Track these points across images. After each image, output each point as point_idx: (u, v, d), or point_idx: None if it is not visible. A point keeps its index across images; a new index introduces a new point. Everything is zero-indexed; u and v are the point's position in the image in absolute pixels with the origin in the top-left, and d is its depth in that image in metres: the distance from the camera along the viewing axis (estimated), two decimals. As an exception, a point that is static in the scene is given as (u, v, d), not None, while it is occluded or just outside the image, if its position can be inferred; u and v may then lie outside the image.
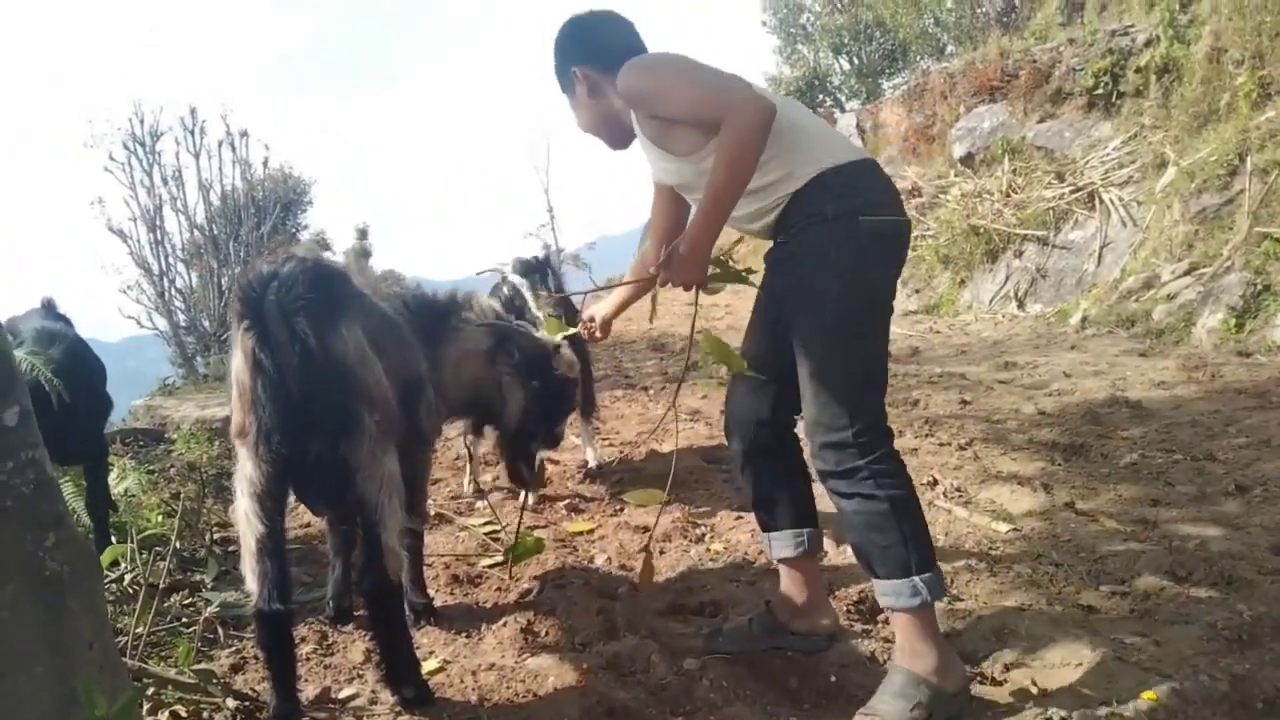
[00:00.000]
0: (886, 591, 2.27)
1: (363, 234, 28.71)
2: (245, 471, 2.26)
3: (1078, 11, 12.20)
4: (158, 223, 10.48)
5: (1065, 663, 2.55)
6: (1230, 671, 2.44)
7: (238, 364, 2.23)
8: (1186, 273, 7.77)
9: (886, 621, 2.90)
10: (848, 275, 2.25)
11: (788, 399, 2.51)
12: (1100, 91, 10.44)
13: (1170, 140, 9.22)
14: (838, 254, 2.25)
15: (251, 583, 2.28)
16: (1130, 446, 4.53)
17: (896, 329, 9.38)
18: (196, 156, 10.77)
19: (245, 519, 2.26)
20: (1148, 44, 9.99)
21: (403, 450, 2.49)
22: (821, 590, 2.69)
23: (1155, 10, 10.07)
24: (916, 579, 2.22)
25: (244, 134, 11.14)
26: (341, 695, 2.61)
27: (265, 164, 11.89)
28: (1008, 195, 10.66)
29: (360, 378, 2.29)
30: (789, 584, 2.66)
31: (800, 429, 2.54)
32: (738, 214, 2.33)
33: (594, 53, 2.49)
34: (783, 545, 2.62)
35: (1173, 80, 9.63)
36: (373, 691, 2.58)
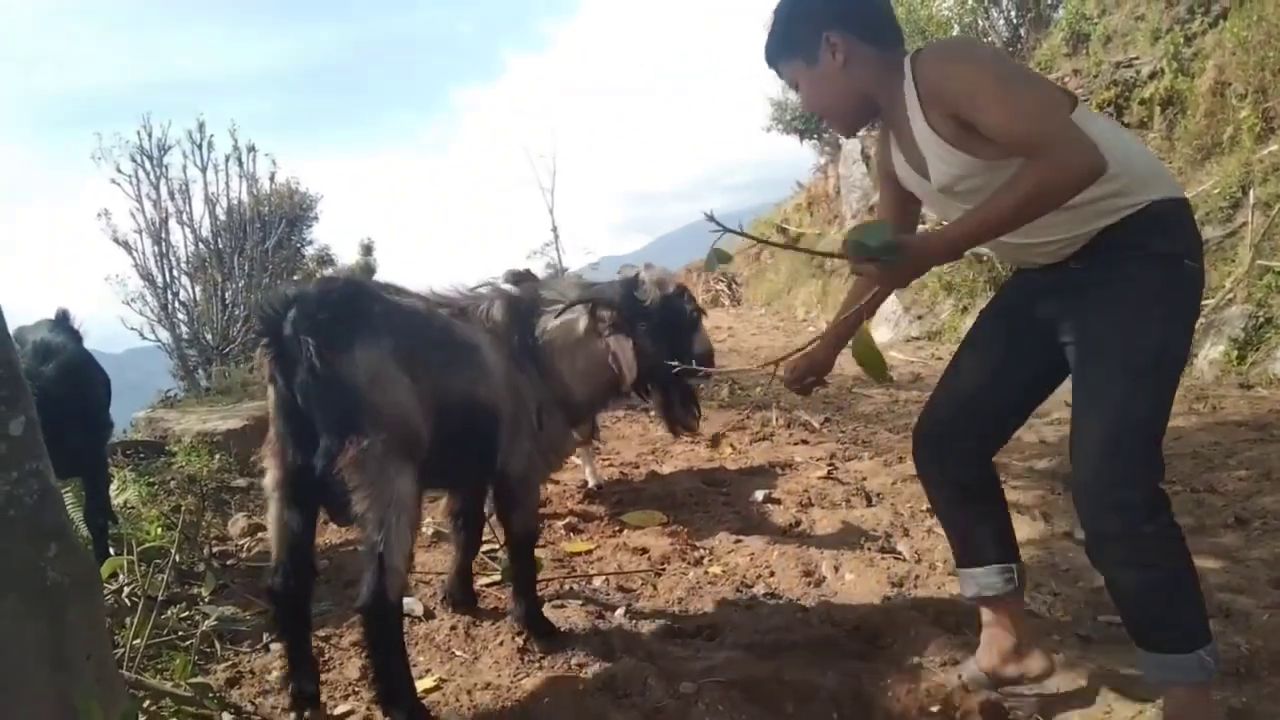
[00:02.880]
0: (1168, 666, 2.11)
1: (367, 250, 28.81)
2: (267, 477, 2.57)
3: (1083, 43, 12.25)
4: (163, 235, 10.51)
5: (1063, 692, 2.55)
6: (1227, 704, 2.45)
7: (267, 378, 2.52)
8: (1188, 304, 7.77)
9: (883, 649, 2.91)
10: (1169, 321, 2.06)
11: (1000, 432, 2.45)
12: (1104, 122, 10.48)
13: (1174, 172, 9.24)
14: (1163, 296, 2.05)
15: (271, 571, 2.58)
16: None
17: (898, 354, 9.42)
18: (204, 170, 10.82)
19: (270, 517, 2.60)
20: (1152, 76, 10.04)
21: (500, 470, 2.84)
22: (1027, 629, 2.54)
23: (1160, 43, 10.14)
24: (1203, 652, 2.08)
25: (251, 149, 11.19)
26: (337, 712, 2.62)
27: (272, 179, 11.89)
28: (1010, 224, 10.68)
29: (367, 398, 2.35)
30: (995, 626, 2.50)
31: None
32: (1030, 229, 2.03)
33: (858, 18, 2.17)
34: (989, 582, 2.45)
35: (1176, 113, 9.67)
36: (368, 709, 2.58)
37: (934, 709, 2.52)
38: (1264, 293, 7.12)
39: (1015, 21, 15.22)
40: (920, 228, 2.70)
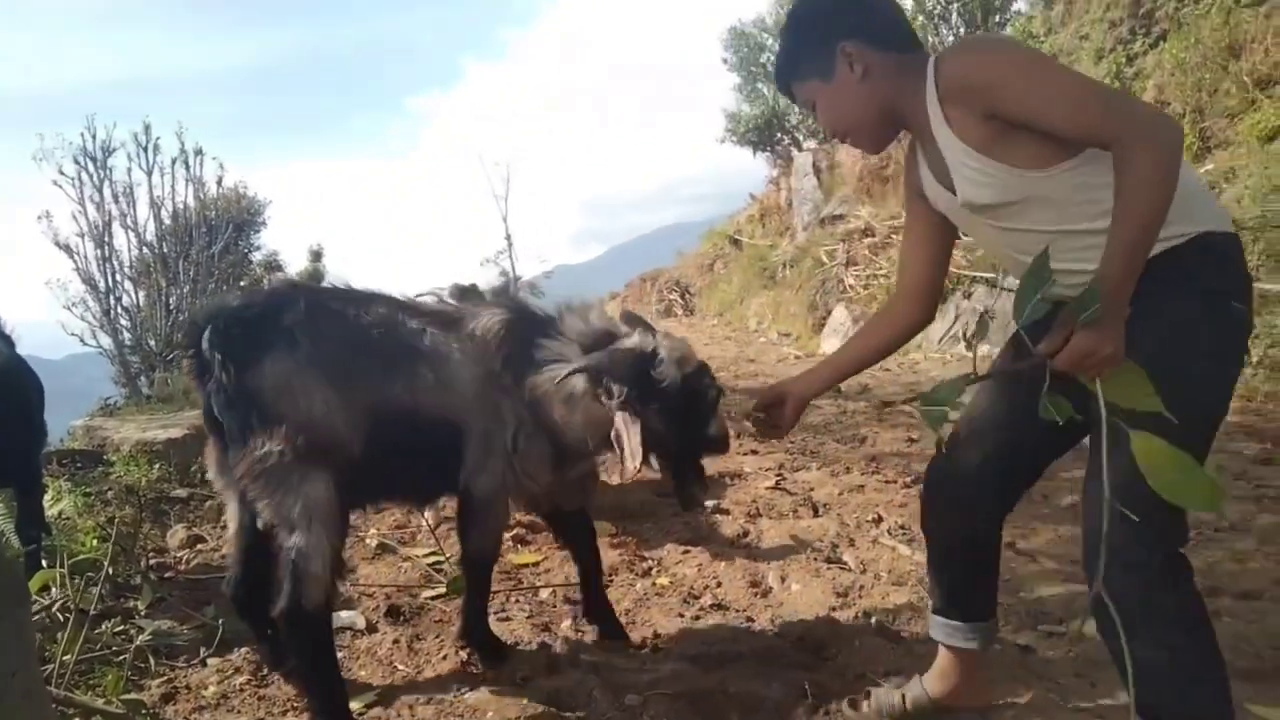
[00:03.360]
0: None
1: (316, 255, 28.47)
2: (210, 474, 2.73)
3: (1029, 62, 12.51)
4: (106, 239, 10.29)
5: (1002, 702, 2.58)
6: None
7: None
8: (1128, 318, 7.95)
9: (828, 659, 2.92)
10: (1213, 363, 1.86)
11: (1020, 484, 2.26)
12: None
13: (1114, 189, 9.46)
14: (1208, 334, 1.85)
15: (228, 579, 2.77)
16: (1072, 488, 4.60)
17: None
18: (149, 173, 10.62)
19: (228, 515, 2.76)
20: (1094, 95, 10.27)
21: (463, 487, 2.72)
22: (982, 670, 2.50)
23: (1103, 63, 10.40)
24: None
25: (199, 152, 11.01)
26: (274, 728, 2.57)
27: (219, 183, 11.70)
28: (959, 238, 10.85)
29: (272, 410, 2.39)
30: (953, 659, 2.45)
31: None
32: (1063, 256, 1.84)
33: (873, 26, 2.03)
34: (964, 637, 2.39)
35: (1118, 131, 9.91)
36: (308, 724, 2.53)
37: None
38: (1200, 308, 7.30)
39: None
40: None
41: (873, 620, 3.14)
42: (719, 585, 3.58)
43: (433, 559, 3.85)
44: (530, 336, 2.71)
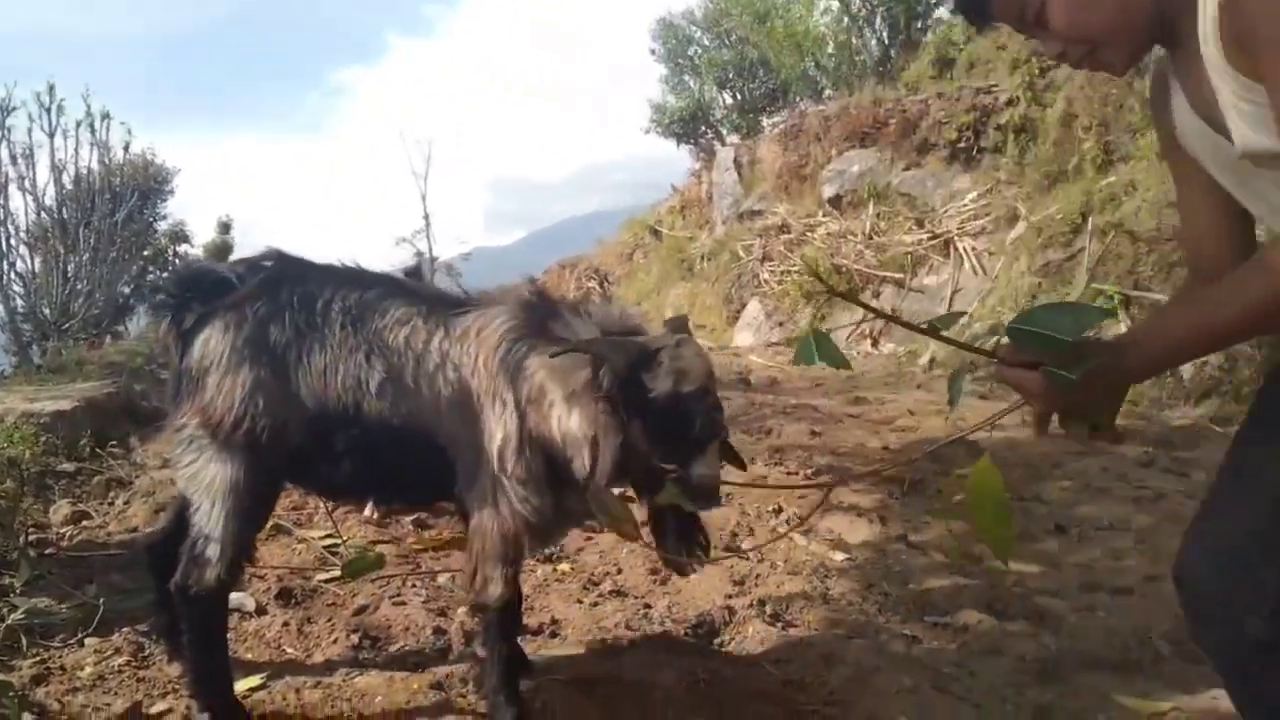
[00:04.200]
0: None
1: (225, 227, 27.62)
2: None
3: (948, 67, 12.81)
4: (2, 201, 9.81)
5: (887, 690, 2.64)
6: (1034, 702, 2.60)
7: None
8: (1029, 322, 8.22)
9: (721, 647, 2.97)
10: None
11: None
12: (962, 145, 10.98)
13: (1023, 196, 9.77)
14: None
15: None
16: (963, 484, 4.74)
17: (757, 359, 9.64)
18: (51, 135, 10.15)
19: None
20: (1008, 104, 10.57)
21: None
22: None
23: (1018, 73, 10.68)
24: None
25: (106, 116, 10.56)
26: (154, 710, 2.50)
27: (126, 148, 11.24)
28: (870, 238, 11.09)
29: (198, 382, 2.35)
30: None
31: None
32: None
33: None
34: None
35: (1028, 140, 10.22)
36: (187, 708, 2.47)
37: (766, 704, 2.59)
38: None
39: (886, 42, 15.78)
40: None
41: (766, 609, 3.19)
42: (619, 572, 3.59)
43: (328, 541, 3.78)
44: (543, 323, 2.38)
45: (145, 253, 12.54)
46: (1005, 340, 1.61)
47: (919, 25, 15.66)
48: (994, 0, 1.57)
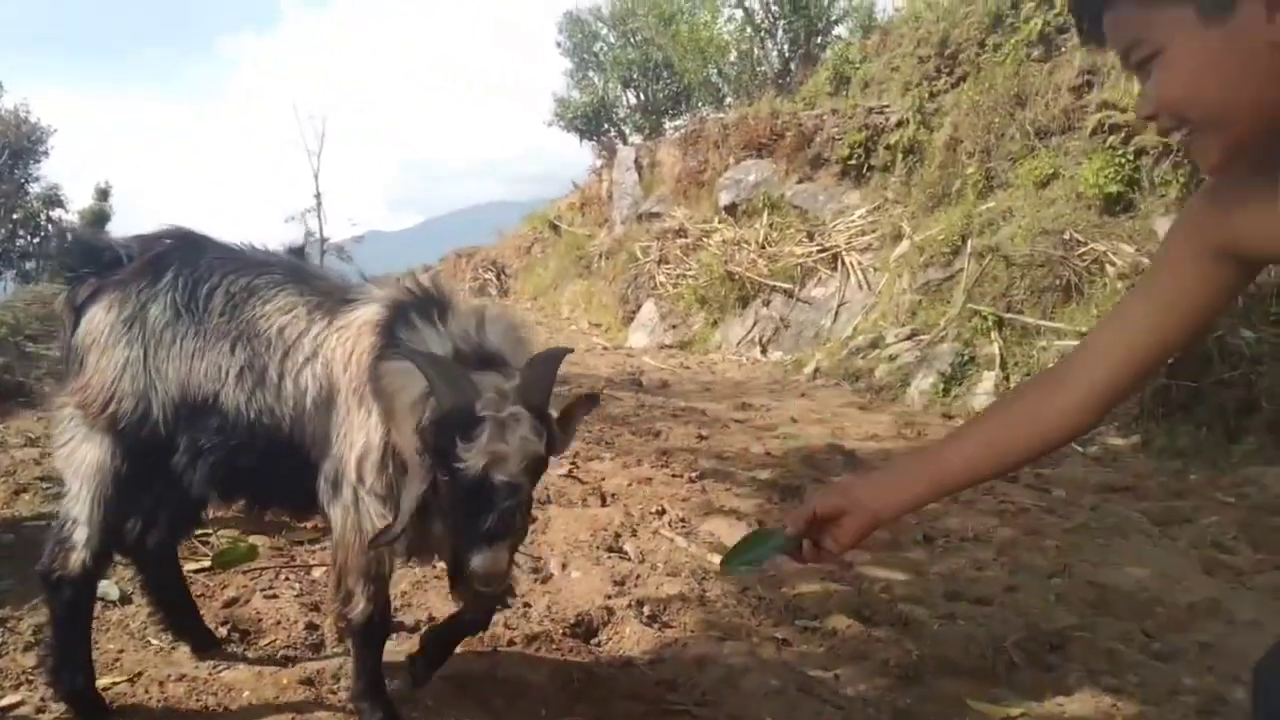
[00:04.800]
0: None
1: (103, 194, 26.37)
2: None
3: (844, 84, 13.19)
4: None
5: (756, 691, 2.73)
6: (893, 705, 2.72)
7: None
8: (908, 338, 8.55)
9: (598, 646, 3.01)
10: None
11: None
12: (853, 162, 11.33)
13: (908, 216, 10.13)
14: None
15: None
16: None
17: (650, 360, 9.74)
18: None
19: None
20: (899, 125, 10.95)
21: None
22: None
23: (909, 95, 11.07)
24: None
25: (-30, 68, 9.97)
26: (4, 702, 2.40)
27: (-7, 104, 10.65)
28: (763, 247, 11.33)
29: (77, 358, 2.32)
30: None
31: None
32: None
33: None
34: None
35: (916, 161, 10.61)
36: (41, 700, 2.39)
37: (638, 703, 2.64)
38: (971, 333, 7.96)
39: (787, 55, 16.14)
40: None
41: (645, 609, 3.25)
42: (500, 570, 3.59)
43: (199, 531, 3.67)
44: (408, 321, 2.16)
45: (15, 215, 11.87)
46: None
47: (819, 41, 16.08)
48: (1111, 19, 1.27)
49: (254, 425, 2.24)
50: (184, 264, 2.34)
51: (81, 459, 2.28)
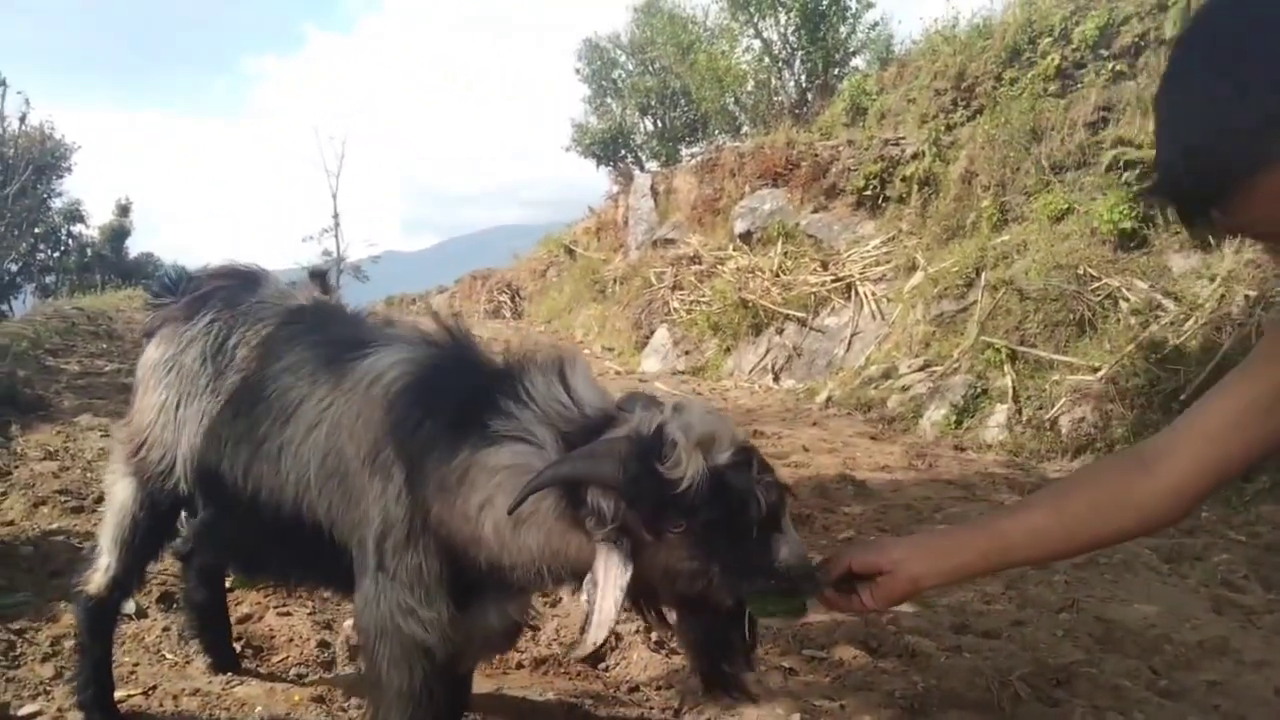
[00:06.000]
0: None
1: (124, 210, 26.67)
2: None
3: (861, 115, 13.26)
4: (-121, 166, 9.34)
5: (761, 720, 2.75)
6: (898, 736, 2.73)
7: None
8: (921, 369, 8.56)
9: (606, 670, 3.03)
10: None
11: None
12: (869, 193, 11.37)
13: (922, 247, 10.16)
14: None
15: None
16: (850, 522, 4.93)
17: (662, 386, 9.77)
18: (-61, 101, 9.73)
19: None
20: (914, 157, 11.00)
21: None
22: None
23: (925, 127, 11.12)
24: None
25: (1, 83, 10.17)
26: (23, 712, 2.44)
27: (23, 120, 10.87)
28: (777, 275, 11.37)
29: (134, 390, 2.36)
30: None
31: None
32: None
33: None
34: None
35: (931, 193, 10.64)
36: (59, 710, 2.43)
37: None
38: (984, 366, 7.96)
39: (804, 85, 16.25)
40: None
41: (652, 635, 3.26)
42: (509, 592, 3.62)
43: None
44: (457, 388, 1.84)
45: (37, 230, 12.05)
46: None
47: (836, 72, 16.19)
48: (1257, 180, 1.02)
49: (256, 498, 2.02)
50: (226, 305, 2.22)
51: (115, 494, 2.34)
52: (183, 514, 2.39)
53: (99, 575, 2.33)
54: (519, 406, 1.75)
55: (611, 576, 1.59)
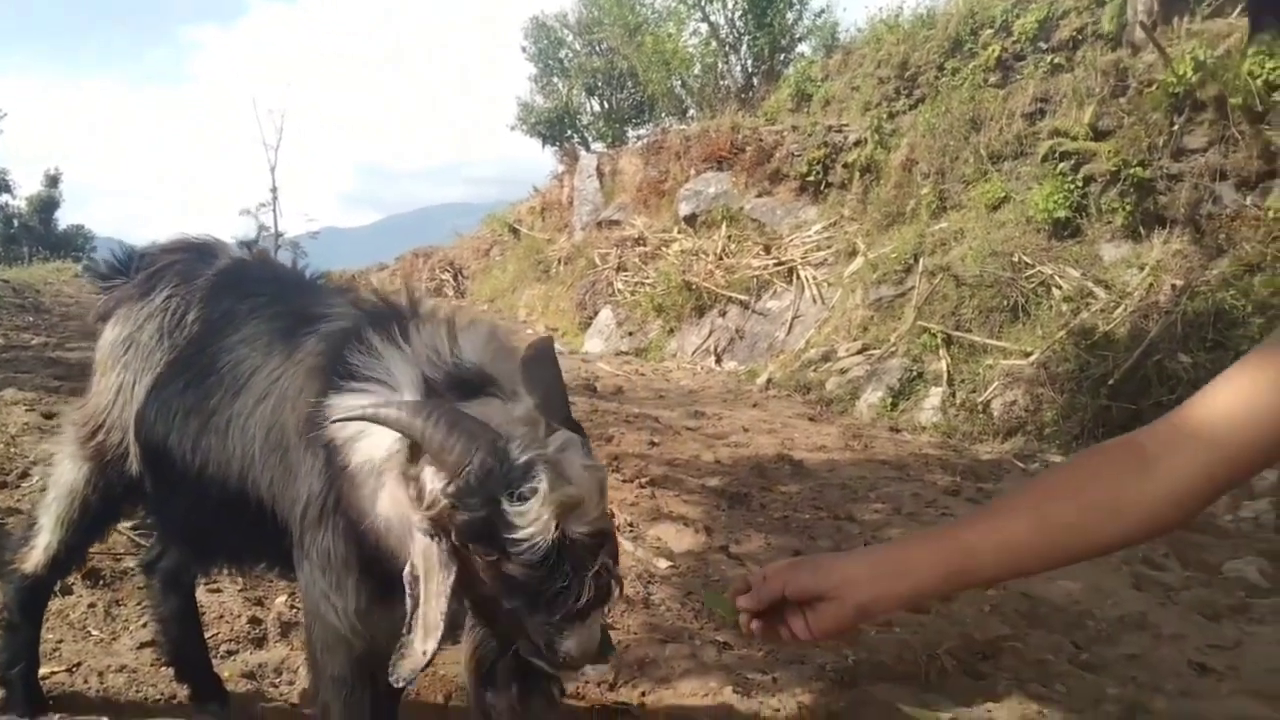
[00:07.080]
0: None
1: (53, 181, 25.85)
2: None
3: (805, 102, 13.35)
4: None
5: (695, 693, 2.79)
6: (828, 709, 2.79)
7: None
8: (859, 352, 8.69)
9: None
10: None
11: None
12: (812, 178, 11.47)
13: (862, 233, 10.29)
14: None
15: None
16: (786, 501, 5.00)
17: (605, 366, 9.77)
18: None
19: None
20: (857, 144, 11.11)
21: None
22: None
23: (868, 115, 11.24)
24: None
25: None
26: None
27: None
28: (720, 258, 11.43)
29: (91, 374, 2.29)
30: None
31: None
32: None
33: None
34: None
35: (872, 180, 10.77)
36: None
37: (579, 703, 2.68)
38: (920, 350, 8.11)
39: (750, 70, 16.30)
40: None
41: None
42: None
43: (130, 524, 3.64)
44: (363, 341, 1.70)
45: (-43, 201, 11.63)
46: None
47: (782, 58, 16.27)
48: None
49: (205, 474, 1.94)
50: (183, 280, 2.15)
51: (62, 473, 2.27)
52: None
53: (37, 554, 2.27)
54: (390, 346, 1.64)
55: (435, 577, 1.46)
